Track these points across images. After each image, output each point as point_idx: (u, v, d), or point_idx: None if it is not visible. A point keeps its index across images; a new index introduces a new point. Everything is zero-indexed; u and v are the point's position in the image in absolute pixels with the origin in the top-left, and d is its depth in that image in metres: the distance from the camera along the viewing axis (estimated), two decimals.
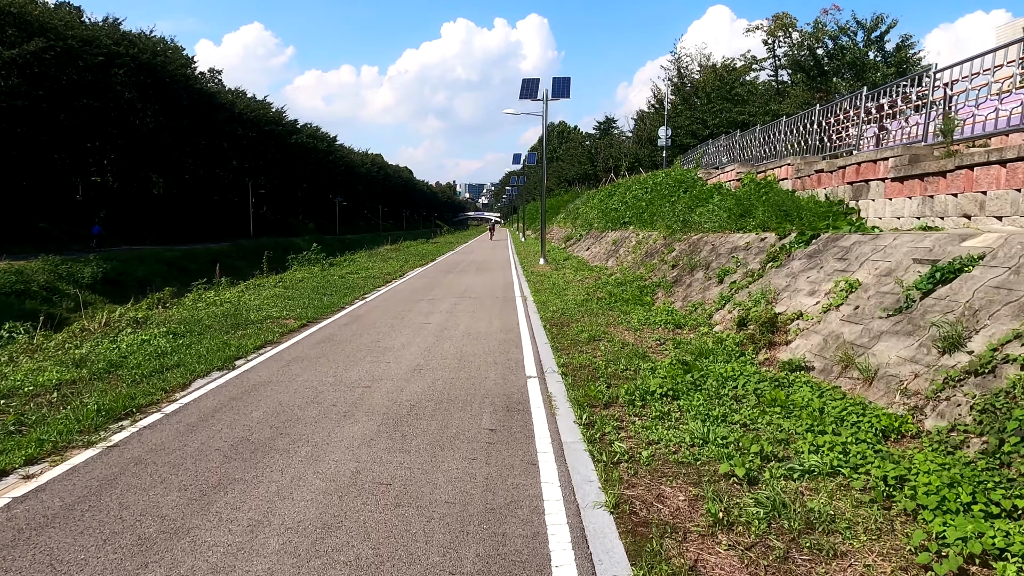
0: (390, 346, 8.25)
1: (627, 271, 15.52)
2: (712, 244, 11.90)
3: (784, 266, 8.41)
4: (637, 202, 23.80)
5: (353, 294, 14.11)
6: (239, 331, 9.31)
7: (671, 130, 32.40)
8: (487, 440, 4.62)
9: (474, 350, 7.92)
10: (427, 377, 6.56)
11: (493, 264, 24.16)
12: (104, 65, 40.60)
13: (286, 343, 8.56)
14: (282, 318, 10.62)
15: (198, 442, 4.67)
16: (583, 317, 10.17)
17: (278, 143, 67.84)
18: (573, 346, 7.97)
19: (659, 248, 15.09)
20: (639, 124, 45.20)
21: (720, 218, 12.86)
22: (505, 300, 12.90)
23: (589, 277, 16.63)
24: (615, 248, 20.07)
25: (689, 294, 10.47)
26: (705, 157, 23.14)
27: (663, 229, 16.14)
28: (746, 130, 18.94)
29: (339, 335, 9.13)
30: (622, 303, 11.24)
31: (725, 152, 20.22)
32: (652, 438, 4.49)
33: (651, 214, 19.48)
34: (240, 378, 6.65)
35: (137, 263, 35.20)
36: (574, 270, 19.06)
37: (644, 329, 8.93)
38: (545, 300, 12.41)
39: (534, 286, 15.23)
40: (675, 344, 7.70)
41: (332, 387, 6.19)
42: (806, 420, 4.53)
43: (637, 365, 6.71)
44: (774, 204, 10.81)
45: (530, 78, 23.75)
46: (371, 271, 20.19)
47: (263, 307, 11.75)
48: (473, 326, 9.75)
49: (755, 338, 6.98)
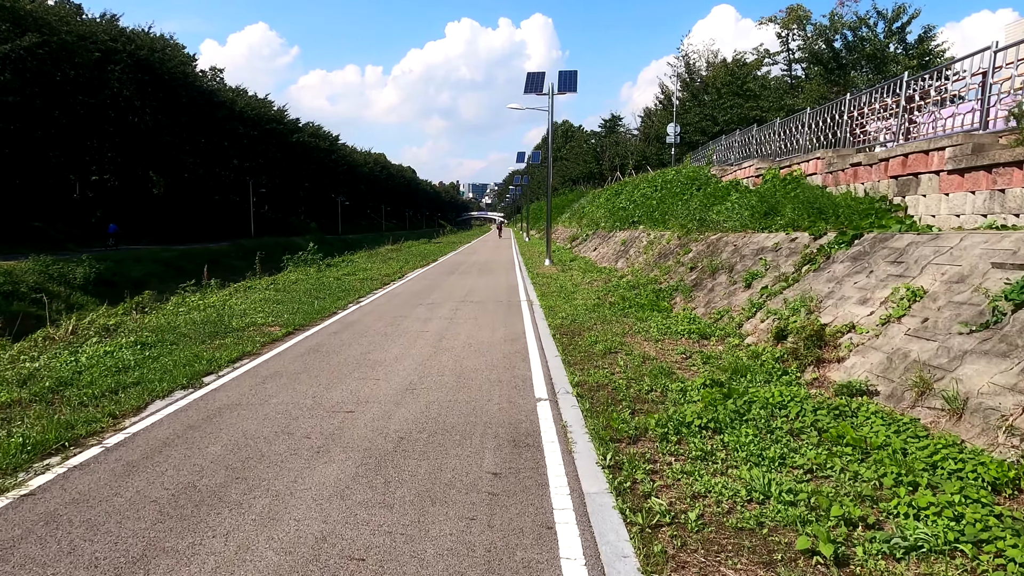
0: (381, 359, 7.35)
1: (639, 273, 14.59)
2: (734, 245, 10.97)
3: (823, 270, 7.48)
4: (646, 201, 22.86)
5: (348, 297, 13.23)
6: (217, 340, 8.43)
7: (680, 127, 31.43)
8: (489, 489, 3.71)
9: (475, 364, 7.01)
10: (420, 399, 5.65)
11: (496, 265, 23.26)
12: (100, 62, 39.88)
13: (266, 355, 7.67)
14: (267, 325, 9.74)
15: (133, 489, 3.78)
16: (596, 325, 9.26)
17: (279, 142, 67.09)
18: (587, 360, 7.06)
19: (674, 249, 14.16)
20: (646, 122, 44.18)
21: (741, 217, 11.93)
22: (510, 305, 11.99)
23: (598, 279, 15.71)
24: (624, 249, 19.14)
25: (712, 299, 9.54)
26: (718, 153, 22.18)
27: (677, 228, 15.21)
28: (763, 125, 17.98)
29: (326, 345, 8.24)
30: (637, 309, 10.32)
31: (740, 148, 19.26)
32: (697, 489, 3.58)
33: (662, 213, 18.55)
34: (205, 399, 5.76)
35: (133, 263, 34.44)
36: (582, 272, 18.14)
37: (665, 339, 8.01)
38: (553, 305, 11.50)
39: (540, 289, 14.32)
40: (703, 359, 6.78)
41: (309, 412, 5.30)
42: (889, 467, 3.61)
43: (664, 385, 5.79)
44: (804, 201, 9.88)
45: (535, 72, 22.86)
46: (369, 272, 19.32)
47: (249, 312, 10.88)
48: (475, 335, 8.85)
49: (798, 353, 6.05)
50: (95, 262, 29.47)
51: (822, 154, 10.94)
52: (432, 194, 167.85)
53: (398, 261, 24.84)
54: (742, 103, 30.61)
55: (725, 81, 31.26)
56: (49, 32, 34.66)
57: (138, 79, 43.87)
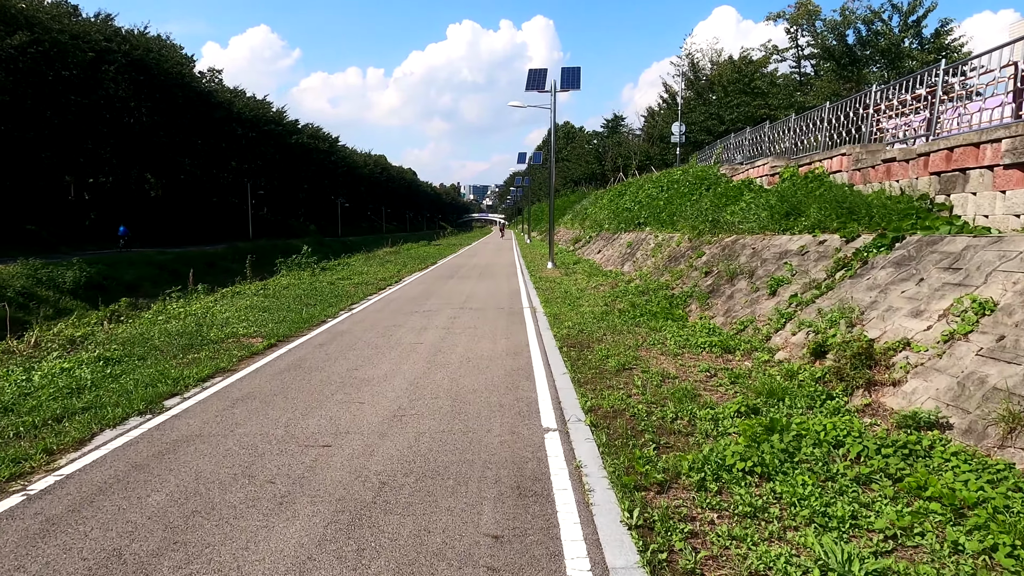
0: (369, 377, 6.58)
1: (648, 277, 13.82)
2: (753, 248, 10.20)
3: (862, 276, 6.71)
4: (652, 201, 22.11)
5: (340, 304, 12.47)
6: (190, 355, 7.68)
7: (685, 126, 30.67)
8: (489, 562, 2.94)
9: (474, 384, 6.24)
10: (409, 429, 4.89)
11: (497, 268, 22.50)
12: (95, 62, 39.23)
13: (242, 371, 6.91)
14: (248, 336, 8.97)
15: (42, 561, 3.01)
16: (606, 335, 8.49)
17: (278, 143, 66.43)
18: (599, 378, 6.29)
19: (685, 252, 13.40)
20: (649, 121, 43.39)
21: (759, 218, 11.16)
22: (512, 312, 11.22)
23: (604, 284, 14.94)
24: (631, 251, 18.38)
25: (732, 308, 8.77)
26: (726, 152, 21.42)
27: (687, 230, 14.44)
28: (777, 121, 17.21)
29: (310, 360, 7.47)
30: (650, 317, 9.55)
31: (751, 146, 18.50)
32: (754, 567, 2.80)
33: (670, 214, 17.79)
34: (161, 429, 5.00)
35: (126, 266, 33.69)
36: (587, 275, 17.37)
37: (684, 353, 7.23)
38: (558, 312, 10.73)
39: (544, 294, 13.55)
40: (731, 378, 6.01)
41: (278, 446, 4.53)
42: (998, 534, 2.84)
43: (691, 412, 5.02)
44: (831, 200, 9.10)
45: (537, 68, 22.12)
46: (365, 276, 18.56)
47: (231, 321, 10.12)
48: (474, 347, 8.08)
49: (843, 373, 5.28)
50: (85, 265, 28.75)
51: (848, 150, 10.18)
52: (433, 196, 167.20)
53: (396, 264, 24.09)
54: (749, 101, 29.81)
55: (732, 78, 30.50)
56: (41, 31, 34.01)
57: (133, 79, 43.24)
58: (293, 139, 70.74)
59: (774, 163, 13.94)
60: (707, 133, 32.33)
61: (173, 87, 46.72)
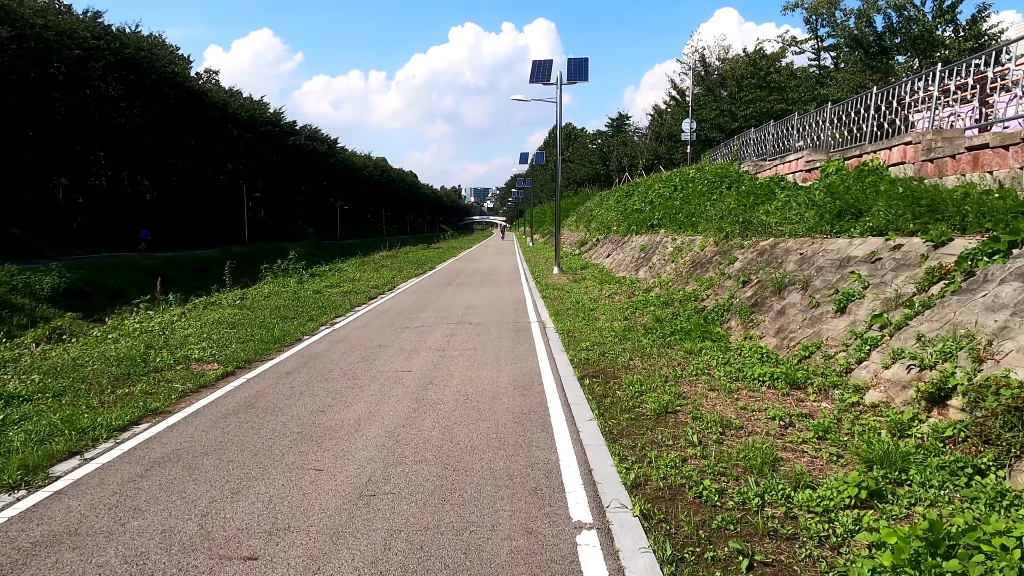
0: (337, 423, 5.08)
1: (670, 286, 12.32)
2: (800, 253, 8.70)
3: (972, 292, 5.20)
4: (666, 202, 20.62)
5: (322, 317, 10.98)
6: (122, 389, 6.19)
7: (695, 123, 29.18)
8: None
9: (472, 437, 4.73)
10: (378, 524, 3.38)
11: (499, 274, 21.00)
12: (82, 59, 37.87)
13: (176, 415, 5.41)
14: (204, 361, 7.48)
15: None
16: (633, 360, 6.99)
17: (275, 144, 65.07)
18: (637, 427, 4.79)
19: (711, 257, 11.89)
20: (656, 120, 41.85)
21: (803, 218, 9.66)
22: (517, 328, 9.71)
23: (620, 293, 13.43)
24: (645, 255, 16.87)
25: (787, 327, 7.25)
26: (745, 148, 19.93)
27: (712, 233, 12.95)
28: (808, 112, 15.72)
29: (269, 396, 5.98)
30: (682, 336, 8.05)
31: (776, 141, 17.02)
32: None
33: (688, 215, 16.29)
34: (22, 522, 3.49)
35: (111, 272, 32.23)
36: (598, 282, 15.87)
37: (741, 389, 5.72)
38: (571, 328, 9.23)
39: (552, 305, 12.05)
40: (817, 431, 4.49)
41: (176, 562, 3.02)
42: None
43: (783, 493, 3.51)
44: (900, 197, 7.59)
45: (542, 60, 20.64)
46: (356, 284, 17.07)
47: (190, 341, 8.63)
48: (473, 377, 6.57)
49: (989, 433, 3.76)
50: (65, 271, 27.27)
51: (915, 137, 8.67)
52: (434, 198, 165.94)
53: (391, 270, 22.59)
54: (765, 96, 28.28)
55: (746, 72, 28.97)
56: (25, 26, 32.65)
57: (123, 78, 41.89)
58: (290, 140, 69.40)
59: (810, 157, 12.44)
60: (719, 130, 30.81)
61: (165, 86, 45.36)
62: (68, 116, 37.81)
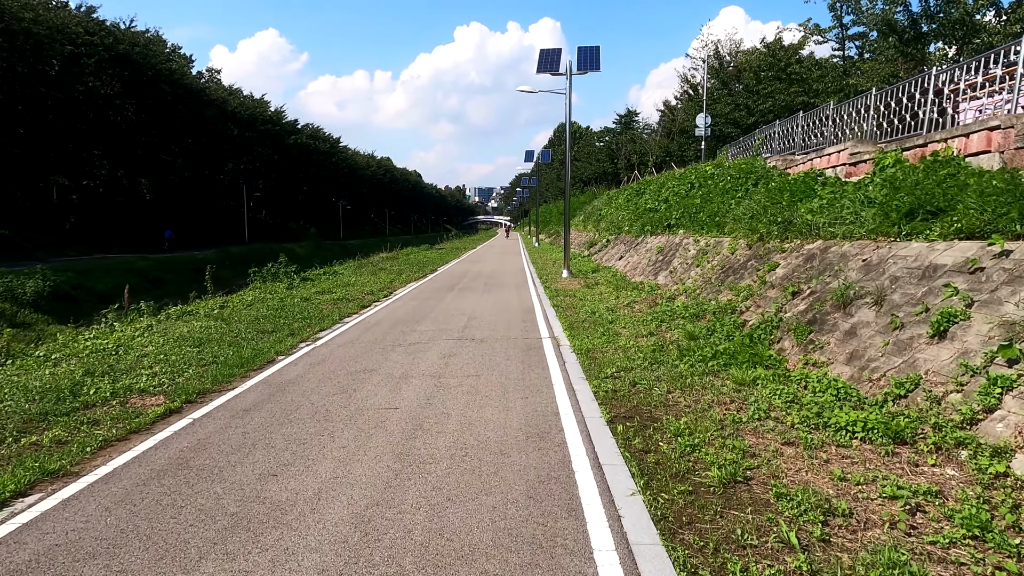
0: (287, 499, 3.75)
1: (697, 294, 10.95)
2: (863, 259, 7.32)
3: None
4: (682, 200, 19.24)
5: (305, 331, 9.67)
6: (29, 436, 4.88)
7: (710, 118, 27.73)
8: None
9: (470, 531, 3.39)
10: None
11: (505, 277, 19.65)
12: (74, 55, 36.76)
13: (80, 482, 4.10)
14: (149, 392, 6.17)
15: None
16: (672, 393, 5.65)
17: (275, 143, 63.91)
18: (699, 509, 3.44)
19: (745, 262, 10.52)
20: (667, 116, 40.34)
21: (861, 217, 8.27)
22: (527, 347, 8.35)
23: (639, 301, 12.07)
24: (664, 258, 15.49)
25: (862, 351, 5.88)
26: (771, 143, 18.53)
27: (742, 234, 11.58)
28: (846, 100, 14.30)
29: (209, 449, 4.65)
30: (726, 360, 6.69)
31: (807, 133, 15.61)
32: None
33: (711, 214, 14.91)
34: None
35: (101, 274, 31.05)
36: (612, 288, 14.51)
37: (825, 444, 4.35)
38: (590, 346, 7.88)
39: (565, 315, 10.71)
40: (968, 527, 3.12)
41: None
42: None
43: None
44: (1003, 192, 6.20)
45: (550, 48, 19.28)
46: (350, 289, 15.75)
47: (140, 365, 7.32)
48: (474, 419, 5.23)
49: None
50: (51, 274, 26.10)
51: (1004, 121, 7.26)
52: (438, 198, 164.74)
53: (390, 273, 21.27)
54: (785, 88, 26.78)
55: (765, 64, 27.45)
56: (12, 20, 31.51)
57: (118, 75, 40.77)
58: (292, 139, 68.22)
59: (856, 149, 11.03)
60: (734, 125, 29.33)
61: (161, 83, 44.20)
62: (60, 113, 36.70)
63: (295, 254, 50.70)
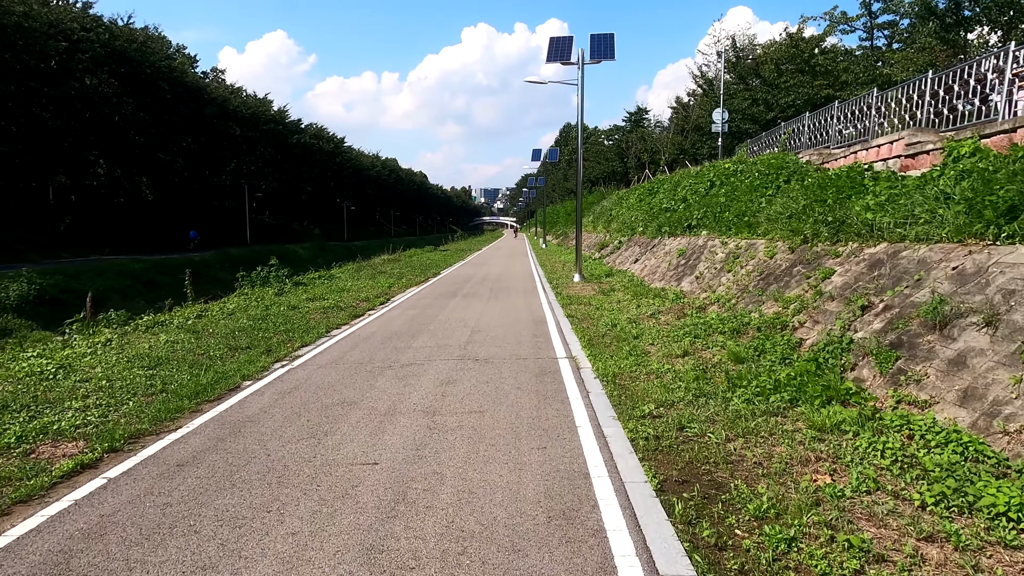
0: None
1: (733, 304, 9.60)
2: (955, 267, 5.96)
3: None
4: (703, 199, 17.89)
5: (285, 348, 8.40)
6: None
7: (727, 113, 26.32)
8: None
9: None
10: None
11: (512, 281, 18.34)
12: (69, 51, 35.77)
13: None
14: (67, 435, 4.90)
15: None
16: (734, 443, 4.32)
17: (278, 143, 62.84)
18: None
19: (789, 267, 9.16)
20: (679, 112, 38.86)
21: (937, 216, 6.91)
22: (541, 370, 7.03)
23: (665, 311, 10.73)
24: (687, 262, 14.13)
25: (980, 389, 4.52)
26: (800, 136, 17.15)
27: (782, 235, 10.23)
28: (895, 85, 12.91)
29: (106, 539, 3.35)
30: (792, 392, 5.35)
31: (844, 124, 14.22)
32: None
33: (738, 213, 13.55)
34: None
35: (93, 277, 29.92)
36: (631, 295, 13.17)
37: (984, 546, 3.01)
38: (617, 371, 6.55)
39: (582, 328, 9.38)
40: None
41: None
42: None
43: None
44: None
45: (560, 36, 17.98)
46: (344, 296, 14.48)
47: (75, 394, 6.06)
48: (475, 486, 3.92)
49: None
50: (37, 277, 24.99)
51: None
52: (443, 199, 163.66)
53: (390, 276, 19.99)
54: (809, 81, 25.32)
55: (787, 55, 25.95)
56: (3, 14, 30.52)
57: (114, 72, 39.77)
58: (295, 139, 67.14)
59: (914, 138, 9.66)
60: (751, 121, 27.92)
61: (160, 81, 43.18)
62: (55, 111, 35.72)
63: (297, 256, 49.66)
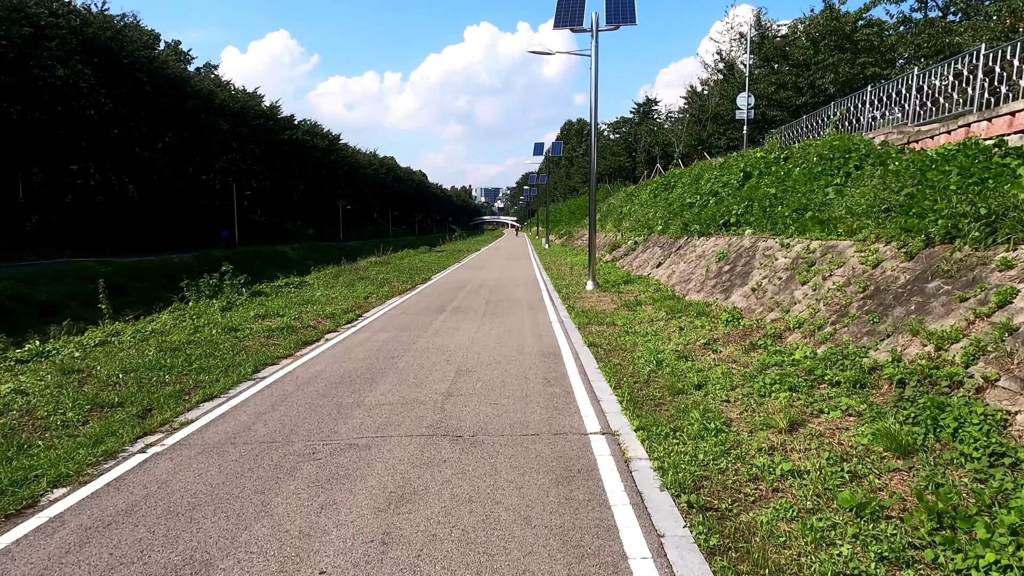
0: None
1: (822, 331, 6.79)
2: None
3: None
4: (737, 191, 15.12)
5: (173, 406, 5.62)
6: None
7: (753, 98, 23.52)
8: None
9: None
10: None
11: (514, 290, 15.53)
12: (34, 37, 33.03)
13: None
14: None
15: None
16: None
17: (269, 140, 60.07)
18: None
19: (913, 281, 6.35)
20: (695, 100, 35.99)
21: None
22: (566, 471, 4.19)
23: (720, 337, 7.91)
24: (732, 268, 11.31)
25: None
26: (860, 114, 14.33)
27: (886, 234, 7.43)
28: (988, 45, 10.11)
29: None
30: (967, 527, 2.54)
31: (937, 93, 11.41)
32: None
33: (797, 208, 10.77)
34: None
35: (50, 281, 27.14)
36: (664, 311, 10.36)
37: None
38: (697, 473, 3.76)
39: (613, 366, 6.59)
40: None
41: None
42: None
43: None
44: None
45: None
46: (305, 311, 11.67)
47: None
48: None
49: None
50: None
51: None
52: (443, 198, 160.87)
53: (372, 282, 17.19)
54: (851, 59, 22.47)
55: (825, 30, 23.03)
56: None
57: (87, 60, 37.02)
58: (286, 135, 64.35)
59: None
60: (779, 107, 25.17)
61: (137, 71, 40.44)
62: (18, 102, 33.02)
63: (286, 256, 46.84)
